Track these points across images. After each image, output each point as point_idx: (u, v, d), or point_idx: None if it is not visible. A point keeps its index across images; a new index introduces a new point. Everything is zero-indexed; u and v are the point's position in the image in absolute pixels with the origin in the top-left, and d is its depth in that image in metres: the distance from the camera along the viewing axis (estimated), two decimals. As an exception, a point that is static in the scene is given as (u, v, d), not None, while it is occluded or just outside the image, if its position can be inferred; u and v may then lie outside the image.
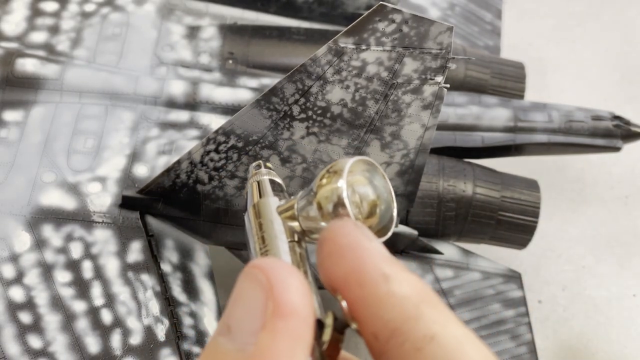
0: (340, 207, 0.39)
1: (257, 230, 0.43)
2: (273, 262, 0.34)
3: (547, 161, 1.10)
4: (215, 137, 0.68)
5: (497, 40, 1.01)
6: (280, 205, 0.43)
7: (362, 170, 0.41)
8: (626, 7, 1.31)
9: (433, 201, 0.81)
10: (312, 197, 0.40)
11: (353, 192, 0.40)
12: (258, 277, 0.33)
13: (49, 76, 0.80)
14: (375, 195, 0.41)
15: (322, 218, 0.40)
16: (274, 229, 0.42)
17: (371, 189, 0.41)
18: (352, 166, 0.39)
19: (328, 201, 0.39)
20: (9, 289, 0.68)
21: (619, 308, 1.00)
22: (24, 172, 0.74)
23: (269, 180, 0.47)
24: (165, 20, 0.87)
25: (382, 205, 0.41)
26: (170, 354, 0.67)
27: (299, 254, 0.41)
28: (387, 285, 0.33)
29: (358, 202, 0.40)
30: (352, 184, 0.40)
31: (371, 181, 0.41)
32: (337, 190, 0.39)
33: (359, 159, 0.40)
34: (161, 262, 0.72)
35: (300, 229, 0.42)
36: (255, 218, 0.44)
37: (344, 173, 0.39)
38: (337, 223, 0.37)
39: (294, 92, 0.64)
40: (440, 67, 0.62)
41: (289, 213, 0.42)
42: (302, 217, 0.41)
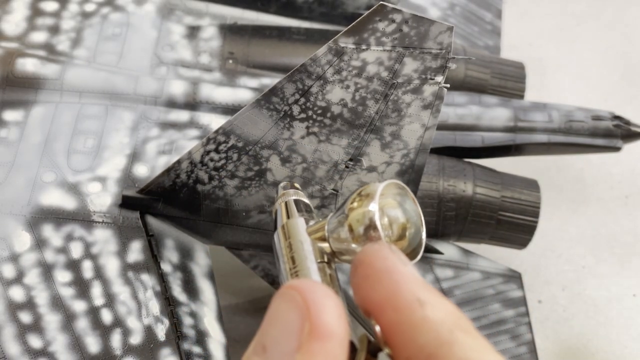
0: (371, 230, 0.39)
1: (287, 250, 0.43)
2: (310, 283, 0.35)
3: (547, 161, 1.10)
4: (215, 137, 0.68)
5: (497, 40, 1.01)
6: (310, 226, 0.44)
7: (393, 193, 0.41)
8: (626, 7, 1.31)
9: (433, 201, 0.81)
10: (343, 219, 0.41)
11: (383, 214, 0.40)
12: (295, 298, 0.34)
13: (49, 76, 0.80)
14: (405, 219, 0.41)
15: (353, 240, 0.40)
16: (304, 250, 0.42)
17: (401, 213, 0.41)
18: (383, 189, 0.40)
19: (360, 224, 0.40)
20: (9, 288, 0.68)
21: (619, 308, 1.00)
22: (24, 172, 0.74)
23: (297, 200, 0.48)
24: (166, 20, 0.87)
25: (411, 228, 0.41)
26: (171, 354, 0.67)
27: (329, 275, 0.41)
28: (422, 311, 0.33)
29: (388, 224, 0.41)
30: (383, 207, 0.40)
31: (401, 204, 0.41)
32: (369, 214, 0.39)
33: (390, 182, 0.41)
34: (161, 261, 0.72)
35: (330, 250, 0.42)
36: (284, 238, 0.44)
37: (376, 196, 0.40)
38: (373, 246, 0.37)
39: (294, 92, 0.64)
40: (440, 67, 0.62)
41: (319, 234, 0.43)
42: (332, 239, 0.42)
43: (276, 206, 0.48)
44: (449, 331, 0.32)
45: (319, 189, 0.71)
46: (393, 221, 0.41)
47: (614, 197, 1.11)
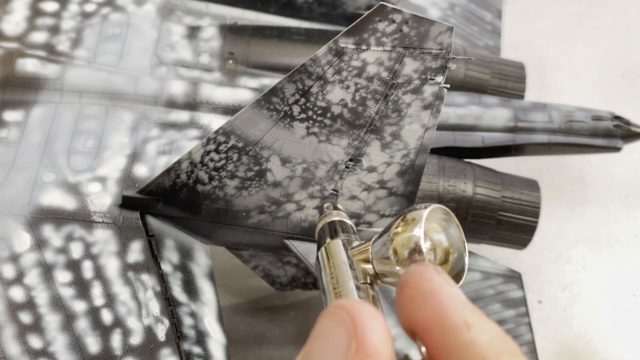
0: (416, 254, 0.40)
1: (330, 270, 0.44)
2: (358, 303, 0.35)
3: (547, 161, 1.10)
4: (215, 137, 0.68)
5: (497, 40, 1.01)
6: (354, 247, 0.45)
7: (438, 218, 0.42)
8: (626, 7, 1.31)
9: (433, 201, 0.81)
10: (388, 242, 0.42)
11: (427, 238, 0.41)
12: (342, 317, 0.34)
13: (49, 76, 0.80)
14: (448, 243, 0.42)
15: (397, 263, 0.41)
16: (347, 270, 0.43)
17: (445, 237, 0.42)
18: (428, 214, 0.41)
19: (404, 248, 0.40)
20: (9, 289, 0.68)
21: (619, 308, 1.00)
22: (24, 172, 0.74)
23: (340, 222, 0.49)
24: (166, 20, 0.87)
25: (454, 253, 0.42)
26: (171, 354, 0.67)
27: (371, 296, 0.42)
28: (469, 333, 0.34)
29: (432, 248, 0.41)
30: (427, 231, 0.41)
31: (445, 229, 0.42)
32: (414, 238, 0.40)
33: (435, 207, 0.41)
34: (161, 262, 0.72)
35: (373, 272, 0.43)
36: (327, 258, 0.45)
37: (422, 221, 0.40)
38: (419, 268, 0.37)
39: (294, 92, 0.64)
40: (440, 67, 0.62)
41: (363, 256, 0.44)
42: (376, 261, 0.43)
43: (319, 226, 0.49)
44: (496, 355, 0.33)
45: (319, 189, 0.71)
46: (437, 245, 0.41)
47: (614, 197, 1.11)
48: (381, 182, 0.71)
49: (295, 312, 0.97)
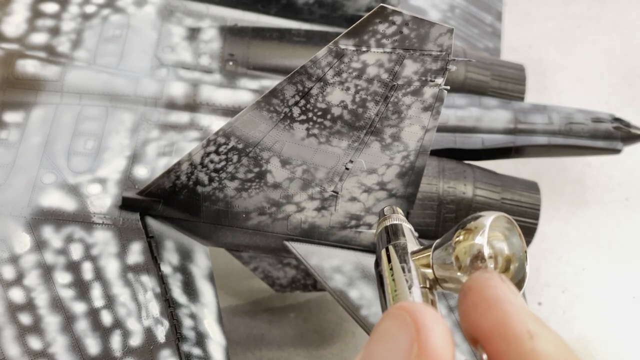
0: (479, 261, 0.40)
1: (390, 273, 0.45)
2: (421, 306, 0.35)
3: (547, 163, 1.10)
4: (215, 138, 0.68)
5: (497, 42, 1.01)
6: (414, 252, 0.45)
7: (501, 226, 0.42)
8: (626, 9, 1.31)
9: (433, 203, 0.81)
10: (450, 248, 0.42)
11: (490, 246, 0.41)
12: (405, 319, 0.34)
13: (50, 77, 0.80)
14: (510, 252, 0.42)
15: (459, 269, 0.41)
16: (407, 273, 0.44)
17: (507, 246, 0.42)
18: (492, 222, 0.41)
19: (467, 255, 0.41)
20: (9, 290, 0.68)
21: (619, 310, 1.00)
22: (24, 173, 0.74)
23: (400, 225, 0.49)
24: (166, 21, 0.87)
25: (516, 262, 0.42)
26: (170, 356, 0.67)
27: (430, 300, 0.43)
28: (531, 343, 0.34)
29: (494, 256, 0.42)
30: (490, 239, 0.41)
31: (508, 238, 0.42)
32: (478, 246, 0.41)
33: (499, 215, 0.42)
34: (161, 263, 0.72)
35: (433, 277, 0.43)
36: (387, 261, 0.46)
37: (486, 228, 0.41)
38: (484, 275, 0.38)
39: (294, 93, 0.64)
40: (440, 69, 0.62)
41: (424, 260, 0.44)
42: (436, 266, 0.43)
43: (379, 229, 0.49)
44: None
45: (319, 191, 0.71)
46: (498, 253, 0.42)
47: (614, 199, 1.11)
48: (381, 184, 0.71)
49: (295, 313, 0.97)
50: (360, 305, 0.73)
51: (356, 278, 0.75)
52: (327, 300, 0.97)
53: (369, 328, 0.72)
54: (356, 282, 0.74)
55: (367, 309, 0.73)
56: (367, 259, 0.76)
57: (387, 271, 0.45)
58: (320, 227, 0.74)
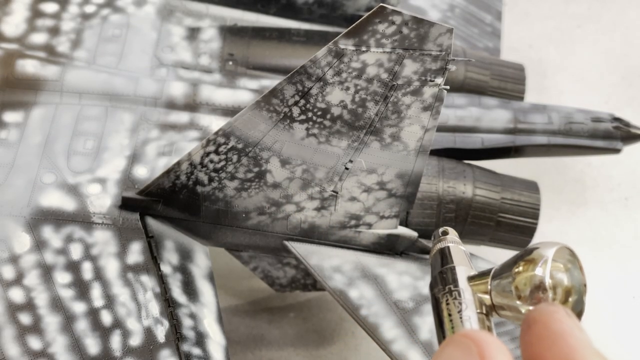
0: (540, 292, 0.40)
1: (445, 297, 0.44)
2: (486, 336, 0.35)
3: (547, 163, 1.10)
4: (215, 138, 0.68)
5: (497, 41, 1.01)
6: (472, 277, 0.45)
7: (563, 258, 0.42)
8: (626, 9, 1.31)
9: (433, 203, 0.81)
10: (510, 277, 0.42)
11: (551, 276, 0.41)
12: (470, 348, 0.34)
13: (49, 77, 0.80)
14: (570, 285, 0.42)
15: (518, 298, 0.41)
16: (465, 299, 0.44)
17: (567, 278, 0.42)
18: (555, 253, 0.41)
19: (527, 286, 0.41)
20: (8, 290, 0.68)
21: (618, 310, 1.00)
22: (23, 173, 0.74)
23: (456, 248, 0.49)
24: (166, 21, 0.87)
25: (575, 295, 0.42)
26: (170, 355, 0.67)
27: (487, 327, 0.42)
28: None
29: (553, 287, 0.41)
30: (551, 270, 0.41)
31: (569, 270, 0.42)
32: (539, 277, 0.40)
33: (562, 246, 0.42)
34: (161, 263, 0.72)
35: (490, 303, 0.43)
36: (443, 285, 0.45)
37: (549, 260, 0.41)
38: (550, 308, 0.38)
39: (293, 93, 0.64)
40: (440, 69, 0.62)
41: (482, 286, 0.44)
42: (495, 292, 0.43)
43: (434, 250, 0.49)
44: None
45: (319, 191, 0.71)
46: (558, 284, 0.41)
47: (613, 199, 1.11)
48: (381, 184, 0.71)
49: (294, 313, 0.97)
50: (359, 305, 0.73)
51: (356, 278, 0.75)
52: (327, 300, 0.97)
53: (369, 328, 0.72)
54: (356, 281, 0.74)
55: (367, 308, 0.73)
56: (366, 259, 0.76)
57: (442, 295, 0.45)
58: (320, 226, 0.74)
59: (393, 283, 0.75)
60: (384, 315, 0.73)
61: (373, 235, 0.75)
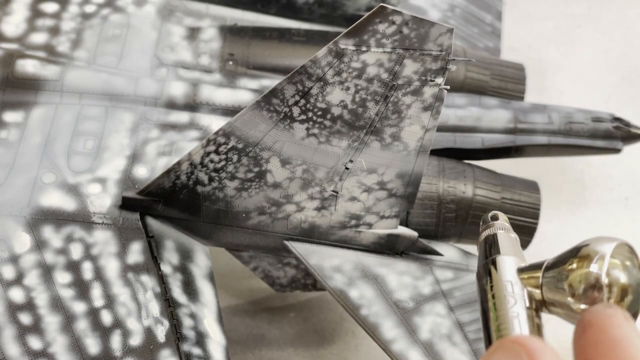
0: (595, 291, 0.38)
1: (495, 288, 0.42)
2: (539, 344, 0.33)
3: (547, 163, 1.10)
4: (215, 138, 0.68)
5: (497, 41, 1.01)
6: (522, 268, 0.42)
7: (621, 254, 0.40)
8: (626, 9, 1.31)
9: (433, 202, 0.81)
10: (564, 273, 0.39)
11: (607, 274, 0.39)
12: (522, 356, 0.33)
13: (49, 77, 0.80)
14: (627, 283, 0.40)
15: (571, 295, 0.39)
16: (513, 292, 0.41)
17: (625, 276, 0.40)
18: (614, 250, 0.39)
19: (582, 283, 0.38)
20: (9, 290, 0.68)
21: (618, 310, 1.00)
22: (24, 173, 0.74)
23: (508, 235, 0.46)
24: (166, 21, 0.87)
25: (631, 295, 0.40)
26: (170, 355, 0.67)
27: (536, 324, 0.40)
28: None
29: (609, 285, 0.39)
30: (609, 267, 0.39)
31: (627, 268, 0.40)
32: (595, 275, 0.38)
33: (621, 242, 0.40)
34: (161, 263, 0.72)
35: (540, 298, 0.41)
36: (490, 276, 0.43)
37: (607, 257, 0.39)
38: (607, 311, 0.36)
39: (294, 93, 0.64)
40: (440, 69, 0.62)
41: (532, 280, 0.41)
42: (546, 288, 0.40)
43: (484, 234, 0.46)
44: None
45: (319, 191, 0.71)
46: (614, 283, 0.39)
47: (614, 199, 1.11)
48: (381, 184, 0.71)
49: (295, 313, 0.97)
50: (360, 305, 0.73)
51: (356, 277, 0.75)
52: (327, 300, 0.97)
53: (369, 328, 0.72)
54: (356, 281, 0.74)
55: (367, 308, 0.73)
56: (367, 259, 0.76)
57: (489, 286, 0.42)
58: (320, 226, 0.74)
59: (393, 283, 0.75)
60: (384, 315, 0.73)
61: (373, 235, 0.75)
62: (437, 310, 0.75)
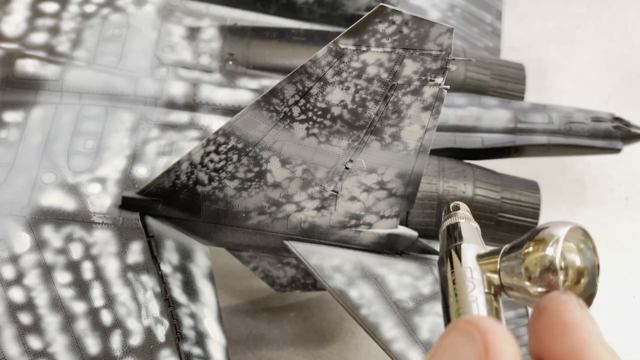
0: (550, 274, 0.38)
1: (453, 275, 0.42)
2: (491, 323, 0.33)
3: (547, 162, 1.10)
4: (215, 138, 0.68)
5: (497, 41, 1.01)
6: (482, 255, 0.43)
7: (576, 238, 0.40)
8: (626, 9, 1.31)
9: (433, 202, 0.81)
10: (520, 256, 0.40)
11: (562, 258, 0.39)
12: (474, 335, 0.33)
13: (49, 77, 0.80)
14: (582, 266, 0.40)
15: (527, 279, 0.39)
16: (472, 278, 0.42)
17: (580, 259, 0.40)
18: (567, 233, 0.39)
19: (537, 266, 0.39)
20: (9, 289, 0.68)
21: (618, 310, 1.00)
22: (24, 173, 0.74)
23: (467, 224, 0.46)
24: (166, 21, 0.87)
25: (587, 277, 0.40)
26: (170, 355, 0.67)
27: (495, 308, 0.41)
28: None
29: (565, 268, 0.40)
30: (563, 250, 0.40)
31: (581, 250, 0.40)
32: (549, 258, 0.39)
33: (575, 226, 0.40)
34: (161, 263, 0.72)
35: (499, 283, 0.41)
36: (451, 263, 0.43)
37: (561, 240, 0.39)
38: (562, 297, 0.36)
39: (294, 93, 0.64)
40: (440, 69, 0.62)
41: (490, 266, 0.42)
42: (504, 272, 0.41)
43: (444, 225, 0.47)
44: None
45: (319, 190, 0.71)
46: (570, 266, 0.40)
47: (613, 198, 1.11)
48: (381, 183, 0.71)
49: (295, 313, 0.97)
50: (360, 305, 0.73)
51: (356, 277, 0.75)
52: (327, 300, 0.97)
53: (369, 327, 0.72)
54: (356, 281, 0.74)
55: (367, 308, 0.73)
56: (366, 259, 0.76)
57: (450, 273, 0.42)
58: (320, 226, 0.74)
59: (393, 283, 0.75)
60: (384, 315, 0.73)
61: (373, 235, 0.75)
62: (437, 310, 0.75)
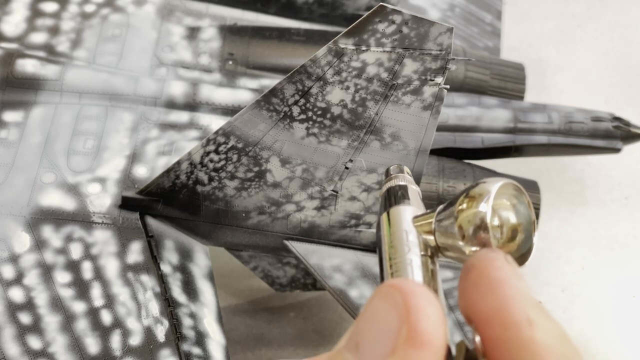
0: (481, 231, 0.37)
1: (389, 238, 0.41)
2: (413, 285, 0.33)
3: (546, 162, 1.10)
4: (215, 137, 0.68)
5: (497, 41, 1.01)
6: (417, 216, 0.42)
7: (508, 194, 0.39)
8: (626, 8, 1.31)
9: (433, 202, 0.81)
10: (453, 215, 0.39)
11: (495, 215, 0.38)
12: (396, 299, 0.32)
13: (49, 77, 0.80)
14: (517, 222, 0.39)
15: (461, 238, 0.38)
16: (408, 240, 0.40)
17: (514, 215, 0.39)
18: (499, 189, 0.38)
19: (470, 224, 0.38)
20: (8, 289, 0.68)
21: (618, 309, 1.00)
22: (23, 172, 0.74)
23: (405, 186, 0.45)
24: (165, 21, 0.87)
25: (522, 233, 0.40)
26: (170, 355, 0.67)
27: (430, 270, 0.39)
28: (530, 331, 0.32)
29: (499, 226, 0.39)
30: (496, 207, 0.39)
31: (515, 207, 0.40)
32: (481, 215, 0.38)
33: (506, 182, 0.39)
34: (161, 262, 0.72)
35: (435, 244, 0.40)
36: (388, 225, 0.42)
37: (491, 197, 0.38)
38: (490, 254, 0.36)
39: (293, 92, 0.64)
40: (440, 68, 0.62)
41: (426, 227, 0.41)
42: (439, 233, 0.40)
43: (383, 189, 0.45)
44: (555, 357, 0.31)
45: (319, 190, 0.71)
46: (504, 223, 0.39)
47: (613, 198, 1.11)
48: (381, 183, 0.71)
49: (294, 312, 0.97)
50: (360, 305, 0.73)
51: (356, 277, 0.75)
52: (327, 300, 0.97)
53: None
54: (356, 281, 0.74)
55: (367, 308, 0.73)
56: (367, 258, 0.76)
57: (386, 236, 0.41)
58: (320, 226, 0.74)
59: (393, 282, 0.75)
60: None
61: (373, 234, 0.75)
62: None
